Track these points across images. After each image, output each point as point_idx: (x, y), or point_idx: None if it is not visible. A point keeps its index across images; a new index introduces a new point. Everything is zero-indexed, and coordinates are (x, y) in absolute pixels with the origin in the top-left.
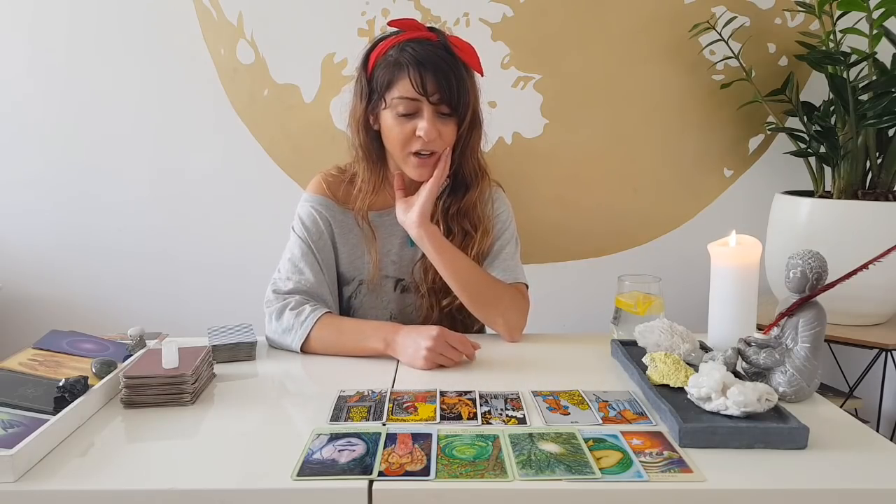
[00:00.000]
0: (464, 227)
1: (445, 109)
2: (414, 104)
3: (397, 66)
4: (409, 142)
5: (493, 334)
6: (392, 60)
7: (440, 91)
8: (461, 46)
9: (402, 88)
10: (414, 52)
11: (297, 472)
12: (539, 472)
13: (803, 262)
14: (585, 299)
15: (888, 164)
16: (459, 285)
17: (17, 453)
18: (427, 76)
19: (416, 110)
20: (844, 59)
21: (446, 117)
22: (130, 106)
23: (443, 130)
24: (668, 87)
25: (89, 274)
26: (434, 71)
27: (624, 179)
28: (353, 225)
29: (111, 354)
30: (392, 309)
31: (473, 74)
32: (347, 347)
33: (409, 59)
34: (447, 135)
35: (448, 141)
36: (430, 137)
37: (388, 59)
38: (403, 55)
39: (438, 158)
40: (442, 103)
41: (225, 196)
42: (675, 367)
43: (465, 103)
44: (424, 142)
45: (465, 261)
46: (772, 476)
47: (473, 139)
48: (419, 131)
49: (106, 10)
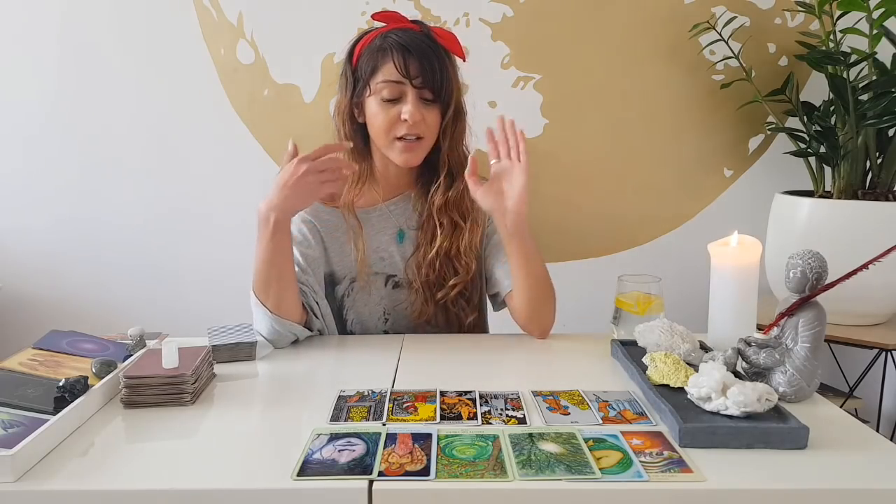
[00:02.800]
0: (453, 218)
1: (428, 95)
2: (398, 88)
3: (381, 51)
4: (393, 126)
5: (492, 334)
6: (376, 47)
7: (423, 75)
8: (443, 35)
9: (387, 72)
10: (398, 37)
11: (297, 472)
12: (539, 472)
13: (803, 262)
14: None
15: (888, 164)
16: (531, 277)
17: (17, 453)
18: (410, 60)
19: (400, 94)
20: (844, 59)
21: (429, 103)
22: (130, 106)
23: (427, 115)
24: (668, 88)
25: (89, 274)
26: (418, 55)
27: (624, 179)
28: (340, 222)
29: (111, 354)
30: (385, 305)
31: (457, 66)
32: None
33: (392, 43)
34: (431, 120)
35: (432, 127)
36: (414, 120)
37: (372, 47)
38: (387, 41)
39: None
40: (425, 87)
41: (225, 196)
42: (675, 367)
43: (448, 90)
44: (409, 125)
45: (540, 261)
46: (772, 476)
47: (458, 129)
48: (404, 114)
49: (106, 11)
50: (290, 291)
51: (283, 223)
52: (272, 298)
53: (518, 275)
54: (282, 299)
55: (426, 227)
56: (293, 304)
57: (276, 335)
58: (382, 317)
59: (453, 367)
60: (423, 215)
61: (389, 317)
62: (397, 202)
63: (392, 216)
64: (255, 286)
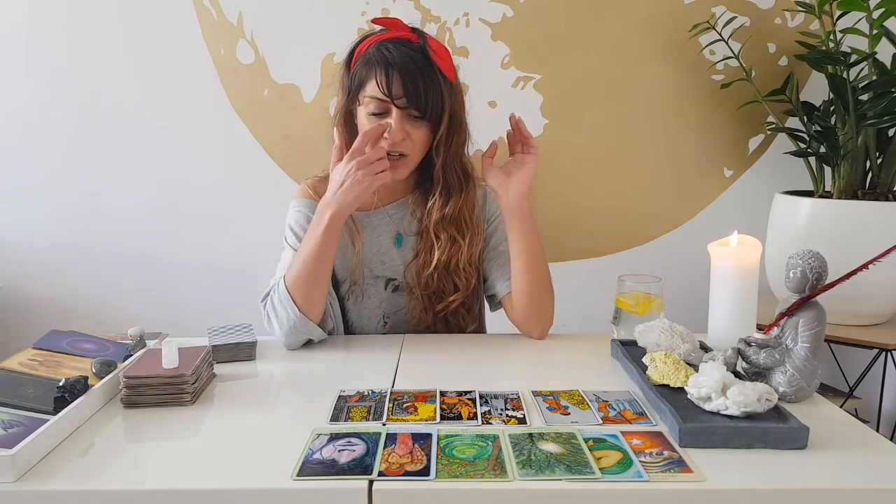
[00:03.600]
0: (450, 233)
1: (415, 112)
2: (383, 104)
3: (369, 65)
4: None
5: (492, 334)
6: (367, 59)
7: (406, 95)
8: (438, 52)
9: (371, 89)
10: (388, 52)
11: (297, 472)
12: (539, 472)
13: (803, 262)
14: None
15: (888, 164)
16: (528, 269)
17: (17, 453)
18: (394, 79)
19: (385, 110)
20: (844, 59)
21: (417, 120)
22: (130, 106)
23: (413, 133)
24: (668, 87)
25: (89, 274)
26: (402, 74)
27: (624, 179)
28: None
29: (111, 354)
30: (385, 308)
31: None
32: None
33: (380, 59)
34: (418, 137)
35: (419, 143)
36: (395, 139)
37: (366, 56)
38: (377, 55)
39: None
40: (410, 107)
41: (225, 196)
42: (675, 367)
43: (437, 107)
44: (391, 143)
45: (540, 247)
46: (772, 476)
47: (455, 144)
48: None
49: (106, 11)
50: (322, 291)
51: (337, 220)
52: (304, 294)
53: (517, 263)
54: (313, 297)
55: (425, 235)
56: (320, 305)
57: (294, 337)
58: (382, 320)
59: (453, 367)
60: (421, 222)
61: (388, 320)
62: (396, 207)
63: (391, 220)
64: (290, 281)
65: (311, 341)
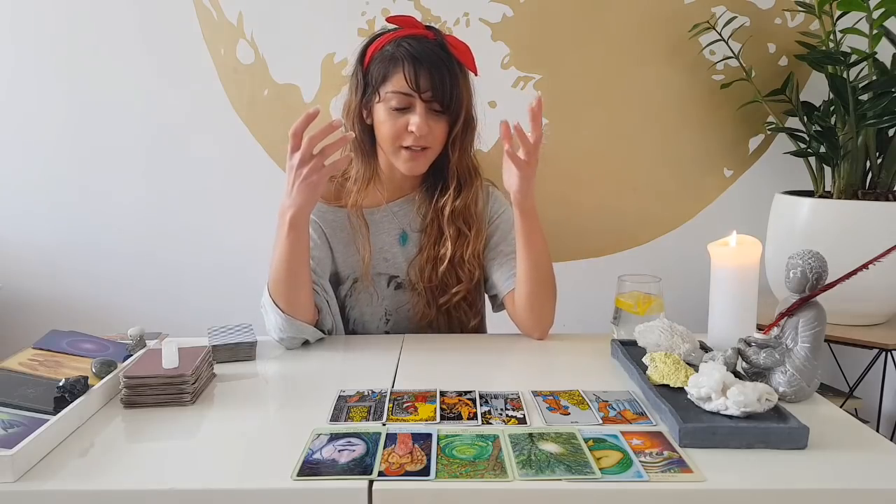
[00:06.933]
0: (459, 227)
1: (437, 107)
2: (407, 99)
3: (393, 60)
4: (400, 136)
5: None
6: (388, 55)
7: (433, 88)
8: (457, 46)
9: (396, 83)
10: (410, 47)
11: (297, 472)
12: (539, 472)
13: (803, 262)
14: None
15: (888, 164)
16: (533, 267)
17: (17, 453)
18: (421, 73)
19: (408, 105)
20: (844, 59)
21: (438, 114)
22: (130, 106)
23: (434, 127)
24: (667, 88)
25: (89, 274)
26: (429, 68)
27: (624, 179)
28: (344, 222)
29: (111, 354)
30: (387, 305)
31: (468, 75)
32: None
33: (404, 54)
34: (438, 132)
35: (439, 138)
36: (421, 132)
37: (384, 53)
38: (399, 50)
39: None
40: (434, 100)
41: (225, 196)
42: (675, 367)
43: (458, 102)
44: (416, 136)
45: (545, 249)
46: (772, 476)
47: (467, 139)
48: (411, 126)
49: (105, 11)
50: (304, 291)
51: (297, 220)
52: (284, 297)
53: (521, 263)
54: (295, 299)
55: (430, 230)
56: (306, 305)
57: (287, 336)
58: (384, 317)
59: (453, 367)
60: (426, 218)
61: (391, 318)
62: (401, 204)
63: (396, 217)
64: (269, 285)
65: (309, 341)
